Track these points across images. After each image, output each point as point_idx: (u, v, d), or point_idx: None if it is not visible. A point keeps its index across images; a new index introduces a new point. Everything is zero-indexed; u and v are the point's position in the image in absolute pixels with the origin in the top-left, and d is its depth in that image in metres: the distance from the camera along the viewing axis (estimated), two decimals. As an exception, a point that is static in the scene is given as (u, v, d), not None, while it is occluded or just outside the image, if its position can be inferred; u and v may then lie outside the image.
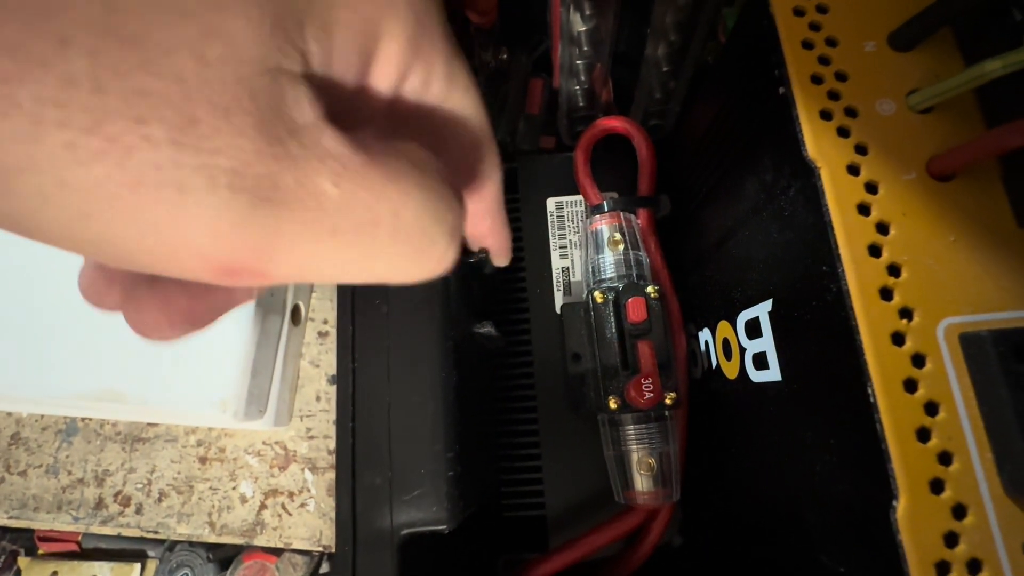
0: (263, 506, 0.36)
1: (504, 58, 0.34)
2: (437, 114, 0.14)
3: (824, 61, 0.19)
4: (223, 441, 0.38)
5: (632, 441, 0.27)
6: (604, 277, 0.29)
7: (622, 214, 0.30)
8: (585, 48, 0.29)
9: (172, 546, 0.37)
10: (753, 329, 0.22)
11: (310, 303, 0.39)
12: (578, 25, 0.28)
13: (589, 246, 0.30)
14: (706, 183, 0.28)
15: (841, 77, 0.18)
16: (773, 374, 0.21)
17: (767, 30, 0.19)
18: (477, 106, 0.15)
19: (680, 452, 0.28)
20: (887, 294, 0.16)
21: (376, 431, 0.22)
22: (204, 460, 0.37)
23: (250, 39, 0.09)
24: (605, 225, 0.29)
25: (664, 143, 0.33)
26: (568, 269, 0.33)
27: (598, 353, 0.27)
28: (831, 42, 0.19)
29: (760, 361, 0.22)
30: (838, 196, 0.17)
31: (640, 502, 0.27)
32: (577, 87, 0.32)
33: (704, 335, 0.28)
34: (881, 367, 0.15)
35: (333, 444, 0.22)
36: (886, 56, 0.18)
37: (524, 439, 0.31)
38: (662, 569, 0.29)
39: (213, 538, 0.36)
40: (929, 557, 0.14)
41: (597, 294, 0.28)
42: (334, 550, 0.22)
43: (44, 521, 0.37)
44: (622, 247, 0.29)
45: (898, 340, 0.16)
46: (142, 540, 0.39)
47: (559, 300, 0.33)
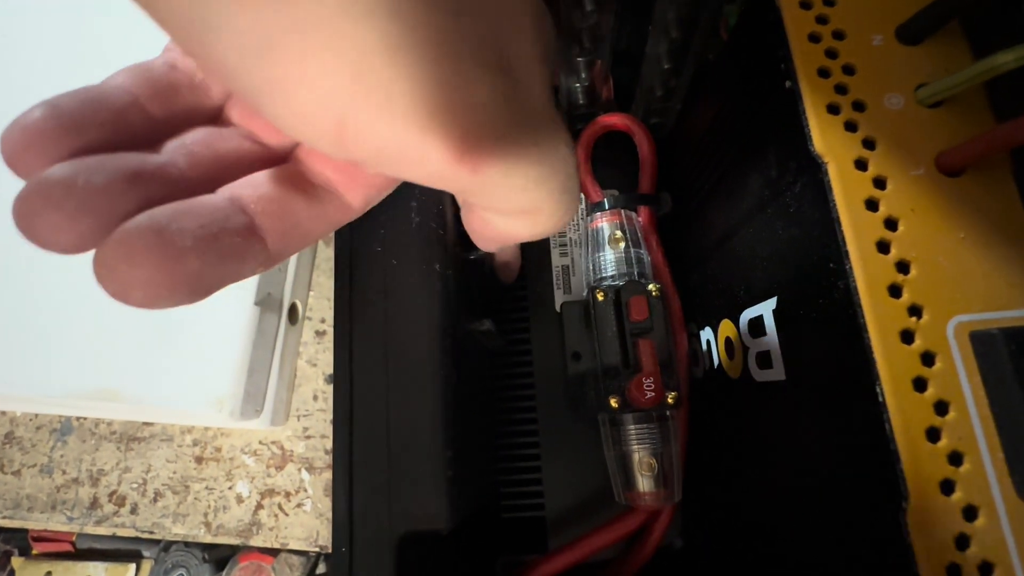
0: (259, 506, 0.36)
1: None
2: None
3: (831, 55, 0.18)
4: (219, 441, 0.37)
5: (633, 441, 0.26)
6: (605, 275, 0.28)
7: (623, 212, 0.29)
8: (585, 44, 0.29)
9: (167, 546, 0.37)
10: (757, 327, 0.22)
11: (307, 302, 0.39)
12: (578, 21, 0.27)
13: (590, 244, 0.30)
14: (708, 180, 0.28)
15: (849, 71, 0.18)
16: (777, 373, 0.20)
17: (773, 23, 0.19)
18: None
19: (681, 453, 0.28)
20: (896, 291, 0.16)
21: (374, 431, 0.22)
22: (200, 460, 0.37)
23: None
24: (606, 223, 0.29)
25: (665, 141, 0.32)
26: (568, 267, 0.33)
27: (599, 352, 0.27)
28: (838, 35, 0.18)
29: (764, 360, 0.21)
30: (846, 191, 0.17)
31: (641, 503, 0.26)
32: (577, 84, 0.32)
33: (706, 334, 0.28)
34: (890, 366, 0.15)
35: (330, 444, 0.22)
36: (894, 49, 0.18)
37: (523, 439, 0.31)
38: (663, 572, 0.29)
39: (209, 538, 0.36)
40: (940, 560, 0.14)
41: (598, 292, 0.27)
42: (331, 551, 0.21)
43: (38, 521, 0.37)
44: (623, 245, 0.28)
45: (907, 338, 0.15)
46: (137, 540, 0.38)
47: (559, 298, 0.33)
